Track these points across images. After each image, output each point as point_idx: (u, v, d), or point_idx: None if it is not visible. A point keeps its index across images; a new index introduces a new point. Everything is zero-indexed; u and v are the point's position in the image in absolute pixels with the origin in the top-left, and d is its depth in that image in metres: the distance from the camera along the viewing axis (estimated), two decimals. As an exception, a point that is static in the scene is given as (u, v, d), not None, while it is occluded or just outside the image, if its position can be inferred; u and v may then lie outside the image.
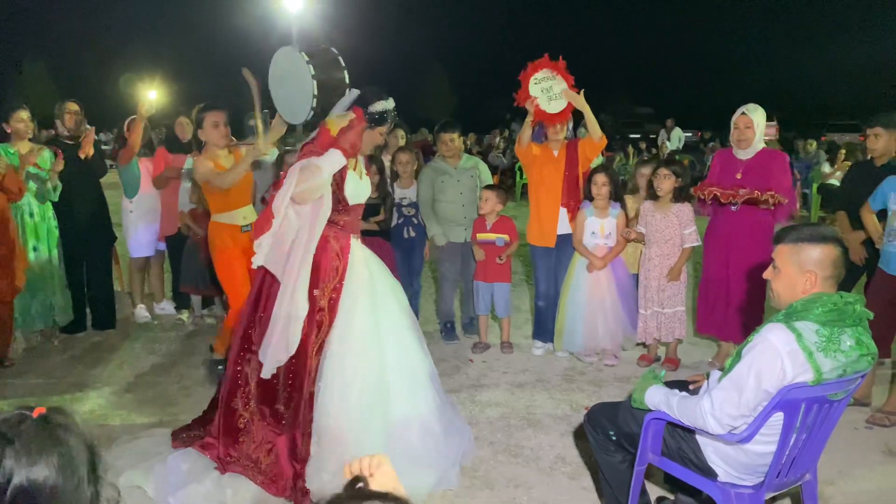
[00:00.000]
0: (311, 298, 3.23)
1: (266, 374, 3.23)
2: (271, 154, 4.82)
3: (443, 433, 3.40)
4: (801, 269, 2.35)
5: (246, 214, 4.49)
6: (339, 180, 3.35)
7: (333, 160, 3.22)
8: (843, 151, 11.92)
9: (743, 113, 4.63)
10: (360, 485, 1.25)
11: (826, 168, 12.22)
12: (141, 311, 6.01)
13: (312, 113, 3.34)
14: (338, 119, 3.33)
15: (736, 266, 4.65)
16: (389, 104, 3.43)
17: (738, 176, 4.60)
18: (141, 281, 6.13)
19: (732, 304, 4.72)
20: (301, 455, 3.17)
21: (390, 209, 5.34)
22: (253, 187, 5.26)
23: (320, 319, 3.25)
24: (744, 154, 4.66)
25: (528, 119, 4.96)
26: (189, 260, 5.77)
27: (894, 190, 4.04)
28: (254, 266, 3.31)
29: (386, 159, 5.70)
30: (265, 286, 3.37)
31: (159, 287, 6.26)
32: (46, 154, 5.12)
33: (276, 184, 5.65)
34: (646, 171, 5.17)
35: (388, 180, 5.43)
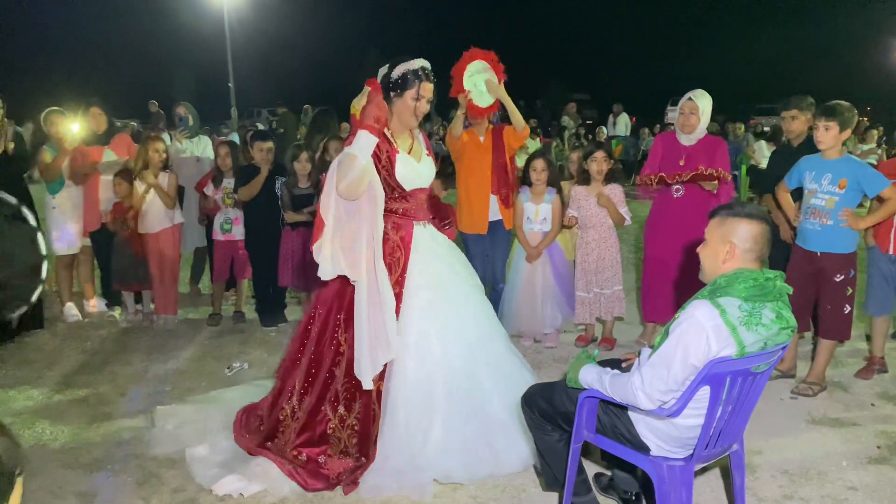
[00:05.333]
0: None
1: (367, 385, 3.06)
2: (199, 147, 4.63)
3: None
4: (722, 239, 2.45)
5: None
6: (388, 166, 3.14)
7: (363, 142, 3.01)
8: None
9: (689, 98, 4.63)
10: None
11: (751, 142, 12.69)
12: (70, 310, 5.78)
13: None
14: (358, 101, 3.18)
15: (681, 252, 4.64)
16: (412, 65, 3.18)
17: (681, 162, 4.63)
18: (69, 278, 5.89)
19: (679, 290, 4.72)
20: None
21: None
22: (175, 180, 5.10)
23: None
24: (687, 140, 4.69)
25: (460, 112, 4.90)
26: (120, 256, 5.60)
27: (809, 169, 4.11)
28: (324, 278, 3.04)
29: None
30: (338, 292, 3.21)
31: (89, 284, 6.05)
32: None
33: (205, 178, 5.55)
34: (575, 157, 5.23)
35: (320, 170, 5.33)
